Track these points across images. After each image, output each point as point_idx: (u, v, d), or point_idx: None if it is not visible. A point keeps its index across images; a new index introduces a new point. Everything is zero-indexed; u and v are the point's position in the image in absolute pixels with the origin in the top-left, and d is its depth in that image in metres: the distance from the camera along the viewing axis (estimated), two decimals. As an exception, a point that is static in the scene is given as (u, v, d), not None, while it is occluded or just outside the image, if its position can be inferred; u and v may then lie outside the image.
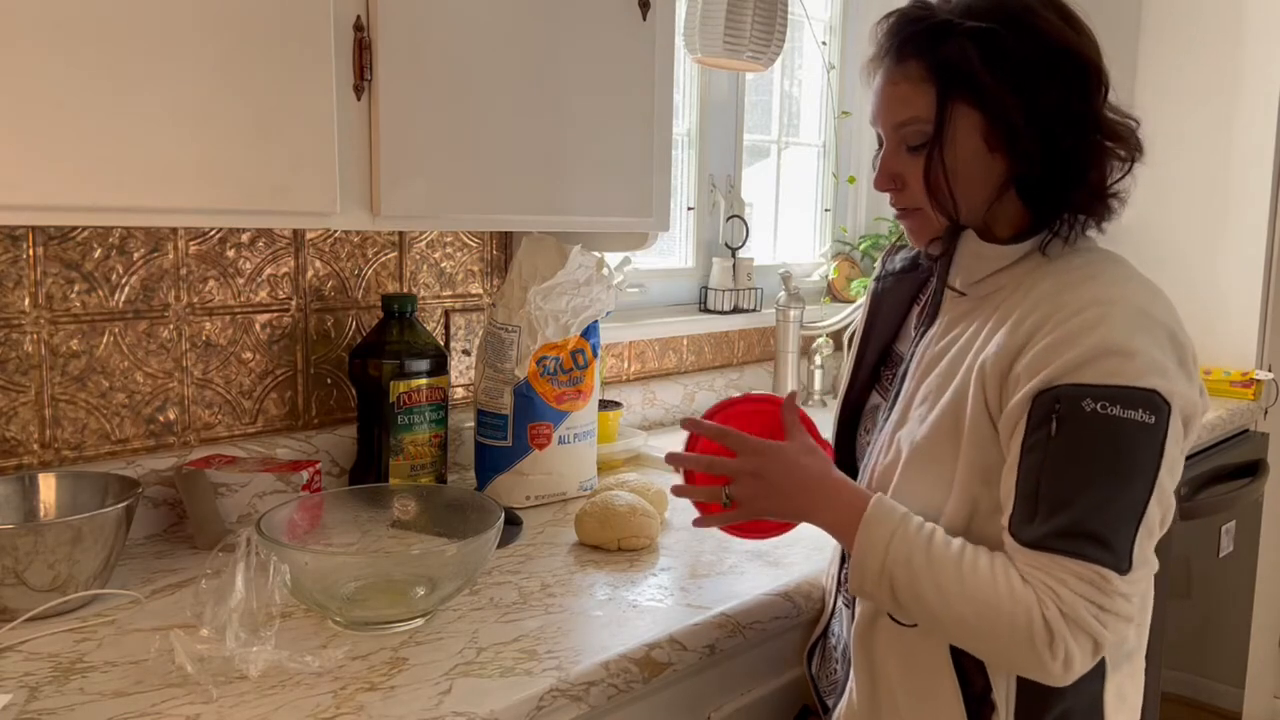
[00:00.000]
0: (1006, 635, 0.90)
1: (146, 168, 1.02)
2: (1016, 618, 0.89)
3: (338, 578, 1.07)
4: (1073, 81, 0.98)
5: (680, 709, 1.13)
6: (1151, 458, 0.90)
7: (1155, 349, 0.91)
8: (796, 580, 1.25)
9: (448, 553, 1.07)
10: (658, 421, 2.06)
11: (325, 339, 1.54)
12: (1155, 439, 0.90)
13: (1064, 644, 0.88)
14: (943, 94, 0.99)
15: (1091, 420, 0.89)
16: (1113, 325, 0.91)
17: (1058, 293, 0.95)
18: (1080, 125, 0.99)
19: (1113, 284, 0.96)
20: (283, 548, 1.04)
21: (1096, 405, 0.89)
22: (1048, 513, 0.90)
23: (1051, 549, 0.90)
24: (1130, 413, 0.89)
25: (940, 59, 0.99)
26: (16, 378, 1.26)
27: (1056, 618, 0.88)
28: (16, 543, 1.03)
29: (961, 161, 1.00)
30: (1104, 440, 0.89)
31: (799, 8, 2.40)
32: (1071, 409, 0.90)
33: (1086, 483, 0.90)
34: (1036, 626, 0.88)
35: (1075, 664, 0.89)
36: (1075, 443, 0.90)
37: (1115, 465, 0.90)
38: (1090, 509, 0.90)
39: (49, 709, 0.90)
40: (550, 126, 1.37)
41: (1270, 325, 2.47)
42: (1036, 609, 0.89)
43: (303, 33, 1.11)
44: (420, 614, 1.08)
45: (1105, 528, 0.89)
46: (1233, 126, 2.35)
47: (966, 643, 0.95)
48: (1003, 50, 0.97)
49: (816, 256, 2.63)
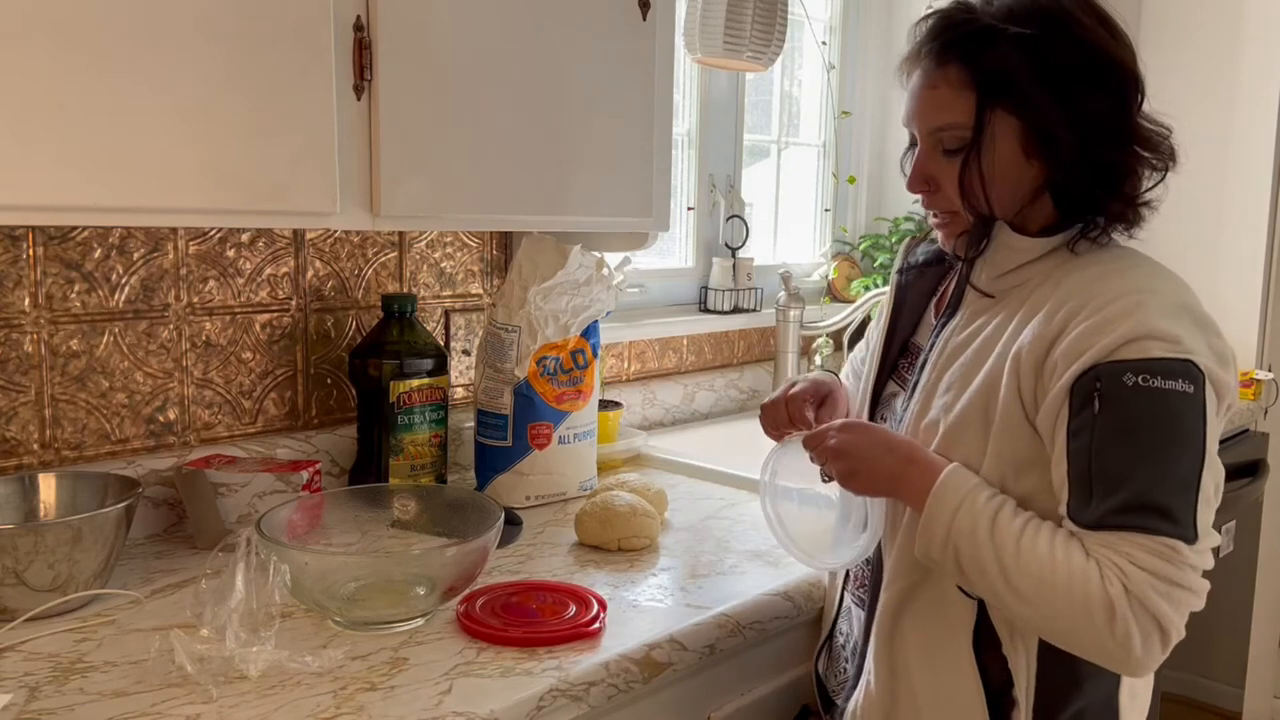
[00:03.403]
0: (1065, 612, 0.87)
1: (146, 168, 1.02)
2: (1074, 593, 0.87)
3: (338, 578, 1.07)
4: (1112, 90, 0.98)
5: (680, 709, 1.13)
6: (1196, 425, 0.90)
7: (1191, 339, 0.91)
8: (796, 580, 1.25)
9: (447, 553, 1.07)
10: (658, 421, 2.06)
11: (325, 339, 1.54)
12: (1197, 406, 0.90)
13: (1124, 623, 0.85)
14: (984, 101, 0.98)
15: (1135, 394, 0.89)
16: (1149, 311, 0.91)
17: (1091, 283, 0.96)
18: (1118, 135, 0.99)
19: (1149, 276, 0.96)
20: (283, 548, 1.04)
21: (1138, 379, 0.89)
22: (1104, 492, 0.89)
23: (1115, 526, 0.88)
24: (1170, 383, 0.89)
25: (983, 65, 0.98)
26: (16, 378, 1.26)
27: (1120, 594, 0.86)
28: (16, 543, 1.03)
29: (998, 167, 1.00)
30: (1149, 412, 0.89)
31: (799, 8, 2.40)
32: (1112, 385, 0.89)
33: (1139, 457, 0.89)
34: (1094, 602, 0.86)
35: (1135, 645, 0.86)
36: (1122, 418, 0.89)
37: (1163, 436, 0.89)
38: (1148, 482, 0.88)
39: (49, 709, 0.90)
40: (550, 126, 1.37)
41: (1270, 325, 2.47)
42: (1097, 583, 0.86)
43: (303, 33, 1.11)
44: (420, 614, 1.08)
45: (1166, 499, 0.88)
46: (1233, 126, 2.35)
47: (1032, 621, 0.92)
48: (1046, 58, 0.97)
49: (816, 256, 2.63)
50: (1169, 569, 0.86)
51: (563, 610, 1.11)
